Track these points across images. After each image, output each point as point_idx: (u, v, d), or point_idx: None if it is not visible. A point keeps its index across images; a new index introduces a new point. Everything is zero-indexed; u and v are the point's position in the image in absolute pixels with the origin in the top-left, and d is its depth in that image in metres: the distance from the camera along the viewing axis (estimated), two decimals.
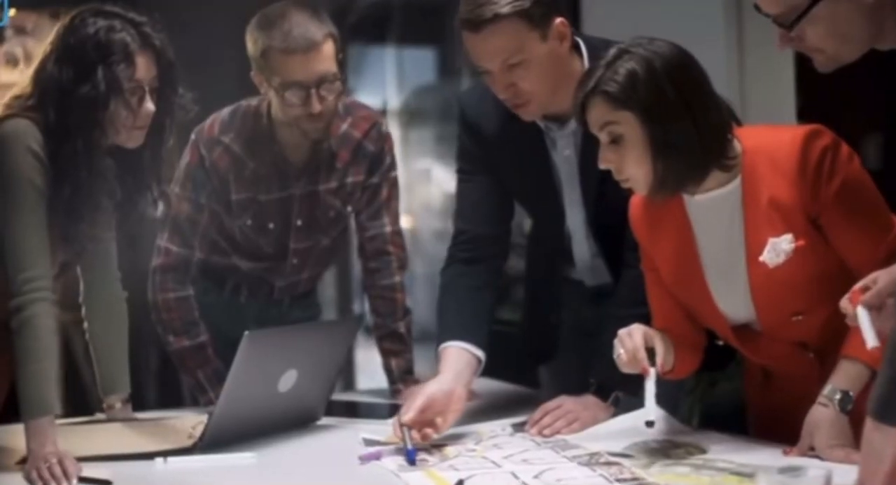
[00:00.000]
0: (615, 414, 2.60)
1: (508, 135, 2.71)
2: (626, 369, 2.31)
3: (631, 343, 2.29)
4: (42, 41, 3.73)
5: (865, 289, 1.96)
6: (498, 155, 2.76)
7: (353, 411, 2.83)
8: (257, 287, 3.06)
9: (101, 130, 2.36)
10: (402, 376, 2.98)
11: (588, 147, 2.60)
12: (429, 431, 2.44)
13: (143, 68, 2.38)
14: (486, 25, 2.47)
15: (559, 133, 2.68)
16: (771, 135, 2.33)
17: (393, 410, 2.79)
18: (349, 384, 4.92)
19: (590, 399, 2.60)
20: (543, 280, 2.95)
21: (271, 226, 2.93)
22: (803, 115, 4.14)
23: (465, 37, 2.52)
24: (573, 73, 2.57)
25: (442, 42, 7.11)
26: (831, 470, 1.74)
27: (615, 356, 2.32)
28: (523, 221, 3.09)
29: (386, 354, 2.99)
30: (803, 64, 4.02)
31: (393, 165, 3.00)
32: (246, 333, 2.34)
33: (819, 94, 4.18)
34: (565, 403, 2.58)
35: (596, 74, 2.25)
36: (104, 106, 2.34)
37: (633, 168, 2.25)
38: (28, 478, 2.24)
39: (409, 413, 2.42)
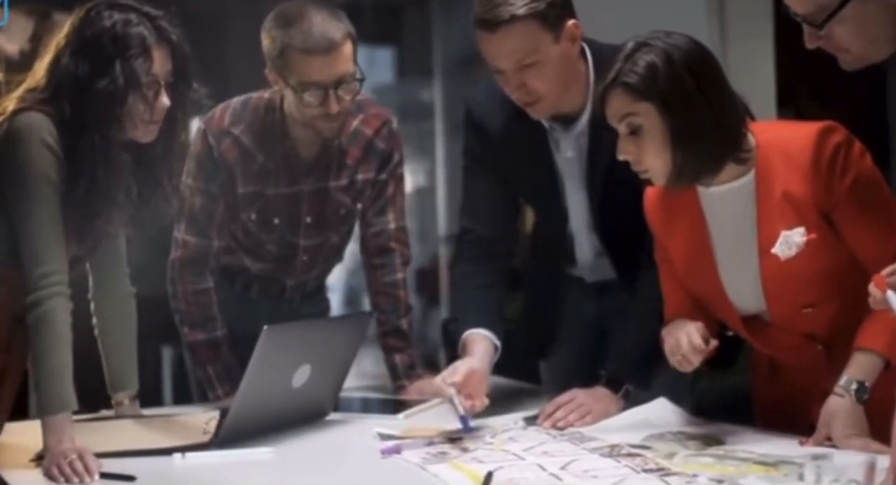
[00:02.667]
0: (625, 407, 2.61)
1: (513, 133, 2.74)
2: (687, 361, 2.35)
3: (684, 341, 2.34)
4: (15, 37, 3.68)
5: (893, 274, 1.99)
6: (502, 153, 2.78)
7: (358, 406, 2.81)
8: (268, 286, 3.05)
9: (118, 125, 2.34)
10: (406, 372, 2.97)
11: (594, 149, 2.67)
12: (476, 403, 2.51)
13: (160, 63, 2.36)
14: (502, 26, 2.50)
15: (563, 135, 2.72)
16: (785, 130, 2.37)
17: (397, 405, 2.82)
18: None
19: (601, 391, 2.62)
20: (546, 277, 2.96)
21: (276, 221, 2.90)
22: (782, 110, 4.19)
23: (480, 36, 2.55)
24: (580, 74, 2.65)
25: (400, 42, 7.13)
26: (875, 456, 1.77)
27: (673, 360, 2.36)
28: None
29: (389, 350, 2.98)
30: (783, 60, 4.09)
31: (400, 162, 2.98)
32: (265, 327, 2.33)
33: (797, 90, 4.25)
34: (577, 396, 2.60)
35: (615, 67, 2.28)
36: (122, 100, 2.32)
37: (651, 159, 2.28)
38: (48, 474, 2.22)
39: (455, 376, 2.47)
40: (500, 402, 2.79)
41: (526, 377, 3.15)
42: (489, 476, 2.08)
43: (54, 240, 2.32)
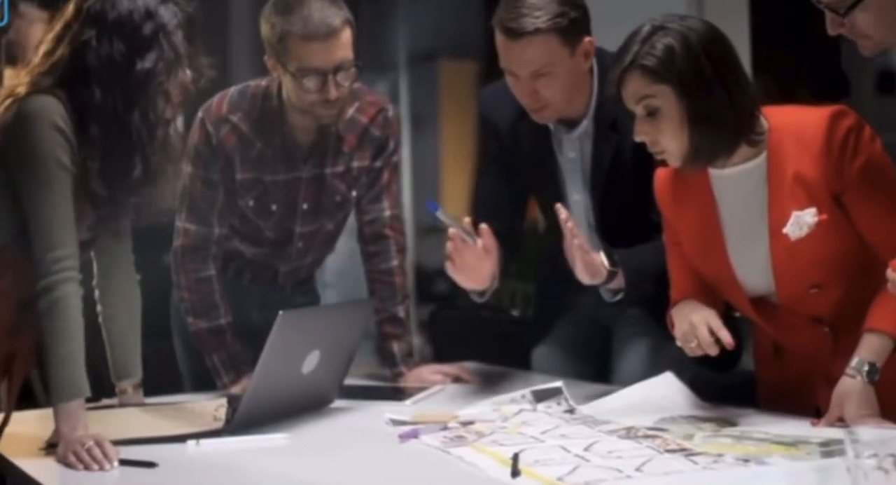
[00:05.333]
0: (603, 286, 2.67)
1: (520, 132, 2.83)
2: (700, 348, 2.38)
3: (703, 330, 2.36)
4: None
5: None
6: (511, 151, 2.87)
7: (360, 393, 2.80)
8: (261, 272, 3.03)
9: (166, 100, 2.34)
10: (404, 360, 2.96)
11: (597, 151, 2.76)
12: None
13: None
14: (526, 36, 2.60)
15: (566, 136, 2.80)
16: (797, 114, 2.40)
17: (396, 393, 2.83)
18: None
19: (596, 255, 2.62)
20: (551, 267, 2.98)
21: (274, 208, 2.89)
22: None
23: (501, 41, 2.65)
24: (586, 82, 2.75)
25: (359, 34, 7.11)
26: None
27: (686, 346, 2.38)
28: None
29: (386, 338, 2.97)
30: (758, 52, 4.14)
31: (396, 150, 2.99)
32: (280, 313, 2.33)
33: (771, 76, 4.32)
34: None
35: (632, 50, 2.30)
36: (174, 74, 2.33)
37: (668, 140, 2.31)
38: (64, 462, 2.19)
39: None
40: (494, 386, 2.82)
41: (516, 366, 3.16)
42: (516, 458, 2.07)
43: (66, 224, 2.29)
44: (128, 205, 2.41)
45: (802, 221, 2.33)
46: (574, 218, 2.61)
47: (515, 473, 2.01)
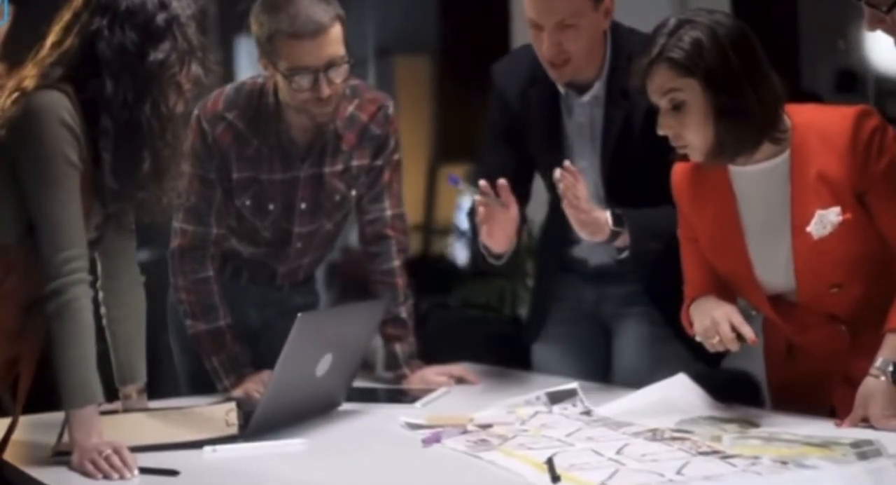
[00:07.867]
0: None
1: (529, 99, 2.84)
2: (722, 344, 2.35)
3: (725, 326, 2.34)
4: None
5: None
6: (519, 120, 2.86)
7: (365, 396, 2.74)
8: (258, 272, 2.96)
9: (178, 92, 2.27)
10: (406, 361, 2.91)
11: (609, 116, 2.76)
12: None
13: None
14: None
15: (577, 101, 2.79)
16: (821, 112, 2.39)
17: (399, 395, 2.79)
18: None
19: (601, 211, 2.64)
20: (550, 261, 2.97)
21: (271, 207, 2.83)
22: None
23: None
24: (602, 44, 2.76)
25: None
26: None
27: (708, 342, 2.36)
28: None
29: (389, 339, 2.92)
30: None
31: (396, 148, 2.94)
32: (299, 315, 2.27)
33: None
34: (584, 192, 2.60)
35: (659, 42, 2.29)
36: (186, 67, 2.27)
37: (692, 135, 2.30)
38: (81, 470, 2.12)
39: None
40: (498, 388, 2.79)
41: (515, 365, 3.12)
42: (552, 462, 2.03)
43: (75, 223, 2.21)
44: (135, 201, 2.34)
45: (826, 219, 2.33)
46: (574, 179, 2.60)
47: (556, 478, 1.97)
